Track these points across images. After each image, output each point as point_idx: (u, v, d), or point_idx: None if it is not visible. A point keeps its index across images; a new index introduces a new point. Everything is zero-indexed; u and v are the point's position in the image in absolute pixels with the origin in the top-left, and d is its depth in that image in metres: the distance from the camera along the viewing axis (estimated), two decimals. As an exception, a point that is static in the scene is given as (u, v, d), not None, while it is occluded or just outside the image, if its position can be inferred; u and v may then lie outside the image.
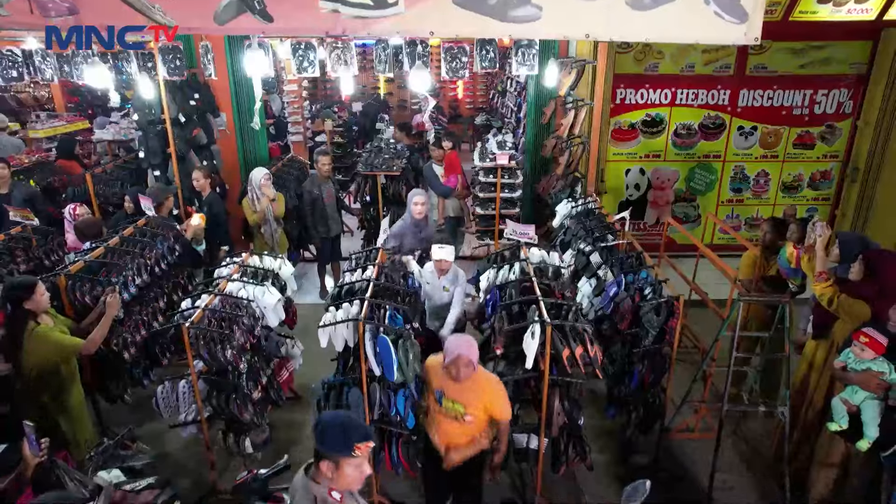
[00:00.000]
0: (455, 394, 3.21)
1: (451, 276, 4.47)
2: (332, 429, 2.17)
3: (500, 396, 3.25)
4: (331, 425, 2.19)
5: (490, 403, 3.22)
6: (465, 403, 3.20)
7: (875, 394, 3.30)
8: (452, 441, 3.35)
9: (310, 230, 6.71)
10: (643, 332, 3.99)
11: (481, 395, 3.19)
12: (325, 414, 2.39)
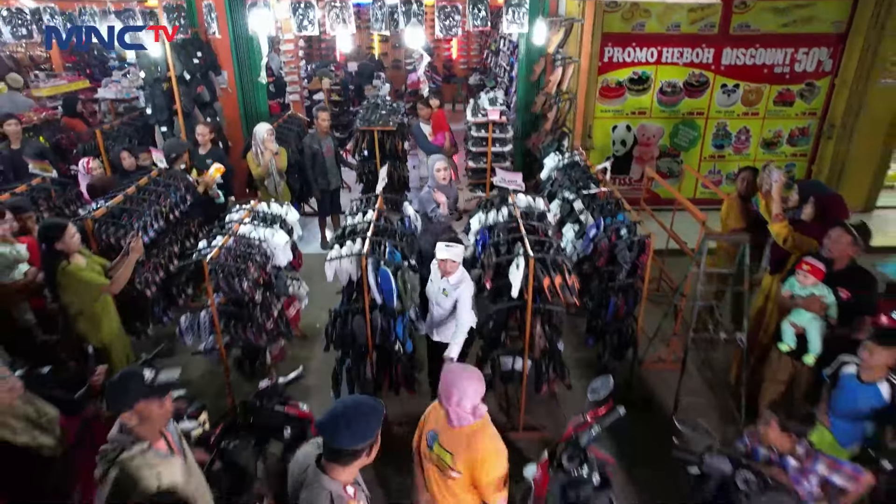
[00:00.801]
0: (448, 441, 2.64)
1: (454, 280, 3.93)
2: (337, 426, 2.14)
3: (496, 466, 2.58)
4: (336, 423, 2.15)
5: (480, 466, 2.56)
6: (455, 454, 2.60)
7: (818, 314, 3.76)
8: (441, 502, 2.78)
9: (310, 183, 7.07)
10: (618, 268, 4.43)
11: (474, 453, 2.56)
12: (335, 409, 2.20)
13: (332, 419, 2.15)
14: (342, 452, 2.16)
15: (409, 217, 4.81)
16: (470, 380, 2.55)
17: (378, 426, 2.21)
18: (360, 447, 2.17)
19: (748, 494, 2.74)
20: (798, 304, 3.83)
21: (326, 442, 2.17)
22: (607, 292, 4.55)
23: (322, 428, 2.16)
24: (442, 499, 2.74)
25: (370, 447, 2.22)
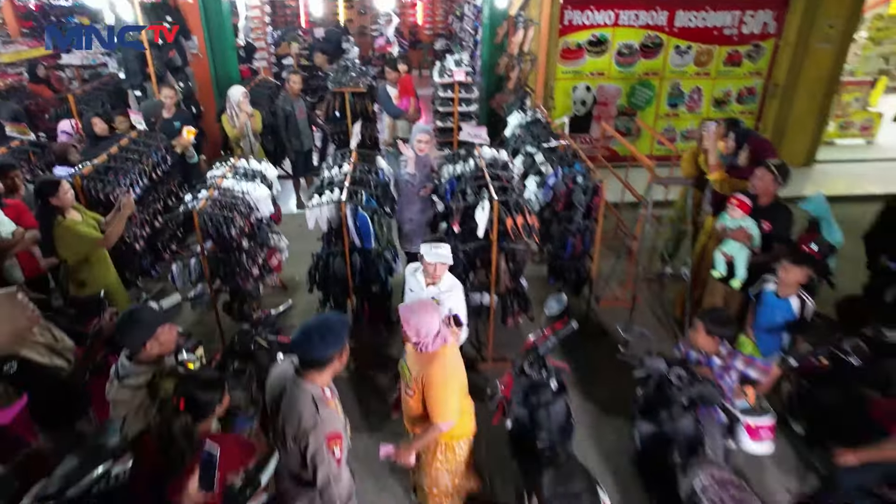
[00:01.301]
0: (412, 362, 2.98)
1: (446, 286, 3.64)
2: (310, 339, 2.43)
3: (441, 393, 2.86)
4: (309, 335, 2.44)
5: (427, 389, 2.87)
6: (412, 373, 2.95)
7: (744, 244, 4.30)
8: (408, 424, 3.21)
9: (284, 144, 7.33)
10: (575, 212, 4.88)
11: (427, 377, 2.85)
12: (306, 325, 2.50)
13: (305, 335, 2.46)
14: (317, 361, 2.48)
15: (383, 170, 5.16)
16: (423, 311, 2.81)
17: (345, 335, 2.52)
18: (332, 354, 2.48)
19: (680, 388, 3.26)
20: (728, 234, 4.35)
21: (302, 355, 2.49)
22: (565, 234, 5.00)
23: (298, 343, 2.47)
24: (406, 409, 3.11)
25: (340, 353, 2.53)
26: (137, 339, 2.77)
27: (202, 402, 2.55)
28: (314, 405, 2.45)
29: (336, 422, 2.53)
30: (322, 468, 2.45)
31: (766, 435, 3.35)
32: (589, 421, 4.43)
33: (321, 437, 2.42)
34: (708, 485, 2.95)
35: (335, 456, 2.47)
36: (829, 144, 10.30)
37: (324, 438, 2.42)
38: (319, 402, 2.47)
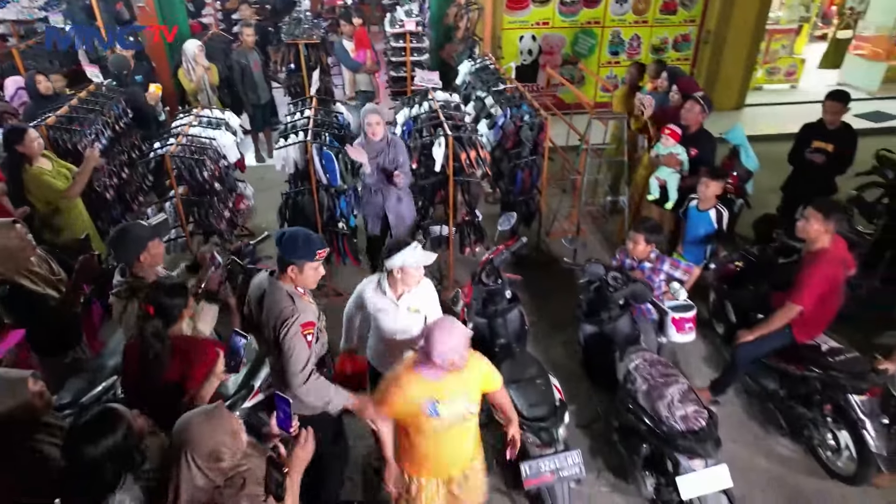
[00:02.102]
0: (452, 389, 2.54)
1: (424, 291, 3.16)
2: (296, 240, 2.66)
3: (495, 372, 2.76)
4: (295, 237, 2.67)
5: (489, 382, 2.71)
6: (467, 392, 2.59)
7: (675, 169, 4.83)
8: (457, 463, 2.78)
9: (241, 98, 7.45)
10: (523, 148, 5.31)
11: (481, 376, 2.67)
12: (287, 229, 2.77)
13: (291, 235, 2.70)
14: (295, 261, 2.67)
15: (342, 113, 5.43)
16: (457, 324, 2.50)
17: (320, 248, 2.71)
18: (308, 258, 2.68)
19: (616, 288, 3.78)
20: (661, 161, 4.88)
21: (284, 252, 2.68)
22: (515, 169, 5.43)
23: (284, 241, 2.68)
24: (462, 451, 2.74)
25: (315, 262, 2.72)
26: (131, 252, 3.02)
27: (168, 307, 2.70)
28: (290, 298, 2.70)
29: (311, 313, 2.76)
30: (295, 356, 2.64)
31: (690, 326, 3.91)
32: (540, 336, 4.95)
33: (297, 325, 2.64)
34: (640, 363, 3.50)
35: (306, 341, 2.68)
36: (758, 89, 11.02)
37: (299, 326, 2.65)
38: (295, 296, 2.72)
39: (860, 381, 3.43)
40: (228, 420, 2.07)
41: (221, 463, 2.01)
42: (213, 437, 2.00)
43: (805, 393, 3.81)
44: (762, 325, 3.75)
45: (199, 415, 2.07)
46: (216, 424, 2.03)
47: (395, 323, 3.14)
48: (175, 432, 2.04)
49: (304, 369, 2.68)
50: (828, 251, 3.48)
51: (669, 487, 3.22)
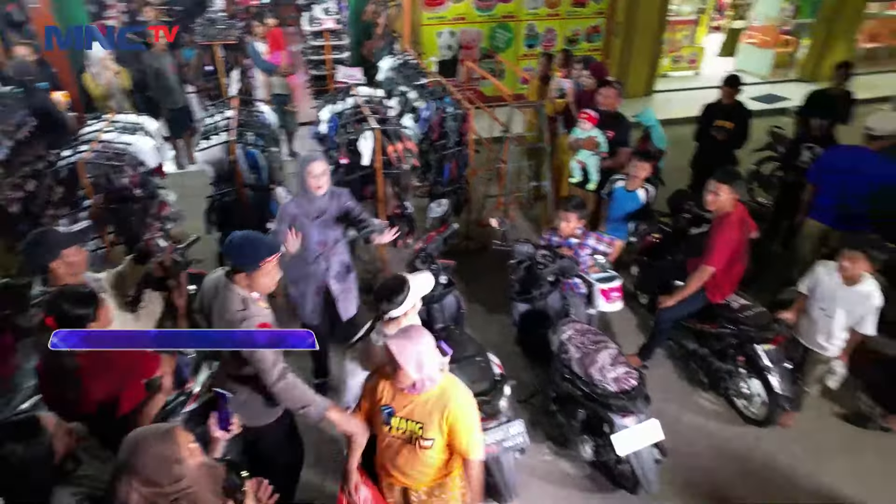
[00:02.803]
0: (413, 411, 2.41)
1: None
2: (243, 246, 2.54)
3: (473, 419, 2.43)
4: (242, 243, 2.54)
5: (460, 426, 2.37)
6: (425, 423, 2.40)
7: (594, 151, 5.10)
8: (412, 481, 2.57)
9: (156, 103, 7.19)
10: (448, 139, 5.44)
11: (450, 415, 2.36)
12: (234, 234, 2.61)
13: (241, 240, 2.59)
14: (247, 266, 2.58)
15: (264, 112, 5.37)
16: (422, 336, 2.33)
17: (269, 253, 2.60)
18: (259, 263, 2.56)
19: (545, 265, 3.96)
20: (580, 144, 5.14)
21: (235, 258, 2.59)
22: (442, 160, 5.55)
23: (233, 247, 2.59)
24: (414, 471, 2.52)
25: (267, 266, 2.60)
26: (41, 259, 2.82)
27: (73, 317, 2.45)
28: (243, 302, 2.59)
29: (265, 317, 2.64)
30: (261, 354, 2.51)
31: (616, 296, 4.15)
32: (476, 318, 5.10)
33: (252, 328, 2.54)
34: (572, 334, 3.69)
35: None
36: (665, 76, 11.68)
37: (255, 327, 2.55)
38: (248, 300, 2.61)
39: (766, 331, 3.78)
40: (178, 445, 1.92)
41: (160, 488, 1.88)
42: (156, 461, 1.87)
43: (720, 349, 4.15)
44: (681, 290, 4.04)
45: (147, 437, 1.93)
46: (162, 449, 1.89)
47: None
48: (120, 450, 1.92)
49: (274, 366, 2.55)
50: (732, 216, 3.80)
51: (607, 447, 3.43)
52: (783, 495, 3.68)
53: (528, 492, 3.65)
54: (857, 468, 3.83)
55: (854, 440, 4.05)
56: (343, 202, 3.73)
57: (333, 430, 3.75)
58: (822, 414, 4.21)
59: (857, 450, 3.97)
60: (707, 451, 3.97)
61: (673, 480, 3.72)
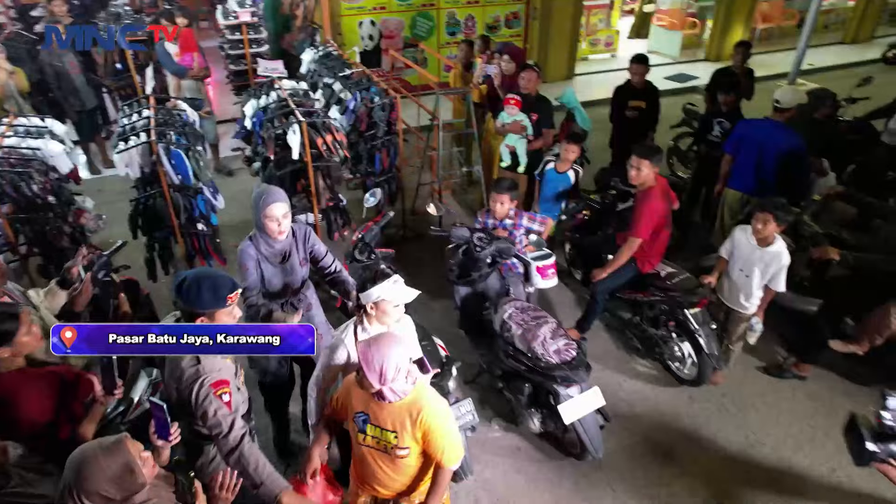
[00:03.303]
0: (386, 418, 2.36)
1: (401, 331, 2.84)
2: (200, 288, 2.31)
3: (448, 429, 2.38)
4: (199, 284, 2.31)
5: (433, 436, 2.33)
6: (398, 431, 2.35)
7: (521, 135, 5.22)
8: (391, 492, 2.55)
9: (62, 105, 6.75)
10: (377, 129, 5.42)
11: (423, 425, 2.32)
12: (187, 275, 2.39)
13: (195, 284, 2.32)
14: (204, 312, 2.34)
15: (185, 112, 5.17)
16: (391, 345, 2.25)
17: (230, 290, 2.37)
18: (218, 306, 2.35)
19: (482, 248, 4.04)
20: (507, 129, 5.25)
21: (191, 304, 2.33)
22: (372, 150, 5.53)
23: (187, 293, 2.32)
24: (389, 480, 2.49)
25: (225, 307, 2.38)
26: None
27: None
28: (195, 357, 2.34)
29: (222, 371, 2.41)
30: (216, 418, 2.30)
31: (552, 272, 4.28)
32: (418, 304, 5.10)
33: (206, 387, 2.31)
34: (513, 312, 3.79)
35: (223, 401, 2.36)
36: (584, 60, 12.05)
37: (209, 387, 2.31)
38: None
39: (692, 295, 4.02)
40: (126, 456, 1.86)
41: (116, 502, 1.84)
42: (104, 475, 1.81)
43: (652, 316, 4.38)
44: (612, 262, 4.23)
45: (94, 450, 1.86)
46: (111, 462, 1.83)
47: None
48: (66, 467, 1.84)
49: (230, 432, 2.30)
50: (655, 188, 4.00)
51: (553, 417, 3.56)
52: (716, 447, 3.95)
53: (482, 467, 3.75)
54: (777, 416, 4.17)
55: (773, 390, 4.38)
56: (310, 243, 3.30)
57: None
58: (746, 368, 4.53)
59: (775, 399, 4.31)
60: (647, 413, 4.19)
61: (618, 445, 3.93)
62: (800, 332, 4.47)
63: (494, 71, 5.79)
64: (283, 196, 3.06)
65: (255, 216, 3.03)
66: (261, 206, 2.98)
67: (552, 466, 3.79)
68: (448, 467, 2.41)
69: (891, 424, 1.92)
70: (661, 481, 3.72)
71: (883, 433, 1.92)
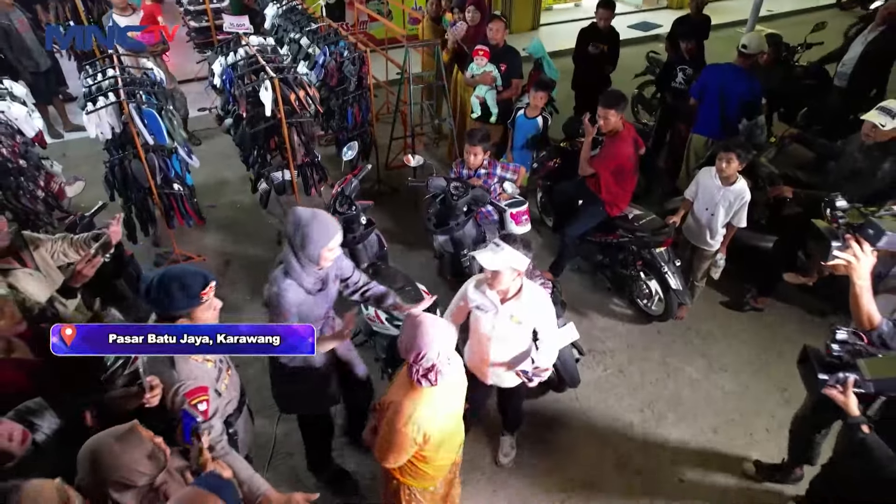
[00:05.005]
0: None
1: (531, 305, 2.86)
2: (170, 289, 2.15)
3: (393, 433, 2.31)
4: (167, 286, 2.15)
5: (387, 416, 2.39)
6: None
7: (490, 85, 5.31)
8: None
9: (14, 66, 6.51)
10: (348, 83, 5.42)
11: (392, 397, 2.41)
12: (152, 278, 2.22)
13: (163, 286, 2.16)
14: (175, 315, 2.21)
15: (152, 70, 5.08)
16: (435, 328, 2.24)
17: (203, 285, 2.21)
18: (192, 305, 2.20)
19: (459, 196, 4.17)
20: (477, 80, 5.32)
21: (161, 308, 2.21)
22: (344, 105, 5.54)
23: (156, 296, 2.18)
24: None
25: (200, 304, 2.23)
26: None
27: None
28: (167, 361, 2.22)
29: (199, 377, 2.28)
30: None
31: (525, 218, 4.45)
32: (398, 255, 5.28)
33: (180, 398, 2.20)
34: (490, 257, 3.96)
35: (199, 411, 2.22)
36: (549, 10, 12.01)
37: (183, 398, 2.20)
38: (177, 357, 2.22)
39: (658, 235, 4.25)
40: (142, 442, 1.86)
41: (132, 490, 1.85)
42: (122, 462, 1.81)
43: (622, 257, 4.61)
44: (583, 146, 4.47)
45: (108, 440, 1.84)
46: (127, 449, 1.82)
47: (493, 328, 2.87)
48: (80, 460, 1.83)
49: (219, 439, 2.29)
50: (622, 133, 4.17)
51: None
52: (682, 374, 4.26)
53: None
54: (738, 345, 4.51)
55: (734, 322, 4.71)
56: (339, 262, 2.88)
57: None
58: (708, 303, 4.84)
59: (736, 330, 4.64)
60: (619, 348, 4.47)
61: (592, 378, 4.20)
62: (757, 268, 4.77)
63: (460, 27, 5.81)
64: (337, 223, 2.65)
65: (308, 249, 2.53)
66: (319, 239, 2.52)
67: (533, 402, 4.03)
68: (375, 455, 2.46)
69: (839, 355, 2.11)
70: (632, 408, 4.02)
71: (832, 364, 2.09)
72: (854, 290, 2.22)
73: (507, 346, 2.95)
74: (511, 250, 2.63)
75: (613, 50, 6.17)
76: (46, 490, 1.68)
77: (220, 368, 2.42)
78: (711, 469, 3.65)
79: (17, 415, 2.12)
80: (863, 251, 2.14)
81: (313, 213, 2.58)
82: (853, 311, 2.29)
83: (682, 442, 3.81)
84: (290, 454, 3.66)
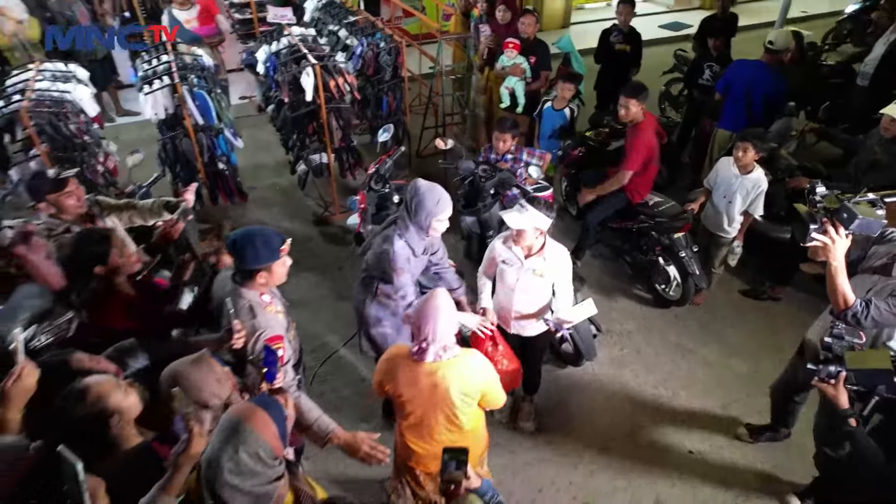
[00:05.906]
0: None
1: (553, 261, 3.18)
2: (255, 245, 2.37)
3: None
4: (252, 242, 2.38)
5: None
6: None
7: (520, 77, 5.53)
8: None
9: (73, 54, 6.94)
10: (384, 73, 5.70)
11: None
12: (237, 235, 2.43)
13: (247, 240, 2.39)
14: (255, 269, 2.43)
15: (202, 56, 5.42)
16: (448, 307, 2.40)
17: (281, 242, 2.45)
18: (269, 262, 2.43)
19: (487, 178, 4.40)
20: (507, 72, 5.55)
21: (241, 260, 2.42)
22: (380, 94, 5.82)
23: (239, 248, 2.39)
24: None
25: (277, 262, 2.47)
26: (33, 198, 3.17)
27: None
28: (251, 312, 2.45)
29: (275, 327, 2.51)
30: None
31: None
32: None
33: (261, 343, 2.44)
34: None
35: (278, 355, 2.46)
36: (580, 9, 12.15)
37: (263, 343, 2.44)
38: (257, 308, 2.46)
39: (677, 221, 4.43)
40: (212, 367, 2.11)
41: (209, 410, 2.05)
42: (199, 384, 2.07)
43: (642, 243, 4.79)
44: (601, 187, 4.62)
45: (185, 365, 2.10)
46: (202, 372, 2.08)
47: (517, 280, 3.19)
48: (161, 382, 2.11)
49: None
50: (643, 123, 4.36)
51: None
52: (697, 357, 4.43)
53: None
54: (753, 331, 4.65)
55: (750, 309, 4.85)
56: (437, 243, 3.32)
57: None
58: (726, 291, 4.98)
59: (753, 317, 4.78)
60: (636, 329, 4.66)
61: (609, 357, 4.40)
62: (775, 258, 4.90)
63: (487, 31, 6.04)
64: (449, 198, 3.00)
65: (420, 216, 2.88)
66: (434, 210, 2.88)
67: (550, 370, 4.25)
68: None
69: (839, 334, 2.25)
70: (647, 384, 4.21)
71: (826, 358, 2.22)
72: (830, 270, 2.38)
73: (530, 297, 3.28)
74: (535, 211, 2.96)
75: (636, 50, 6.27)
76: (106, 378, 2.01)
77: (288, 321, 2.69)
78: (720, 444, 3.82)
79: (115, 352, 2.41)
80: (837, 234, 2.28)
81: (430, 185, 2.92)
82: (829, 291, 2.46)
83: (693, 417, 3.99)
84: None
